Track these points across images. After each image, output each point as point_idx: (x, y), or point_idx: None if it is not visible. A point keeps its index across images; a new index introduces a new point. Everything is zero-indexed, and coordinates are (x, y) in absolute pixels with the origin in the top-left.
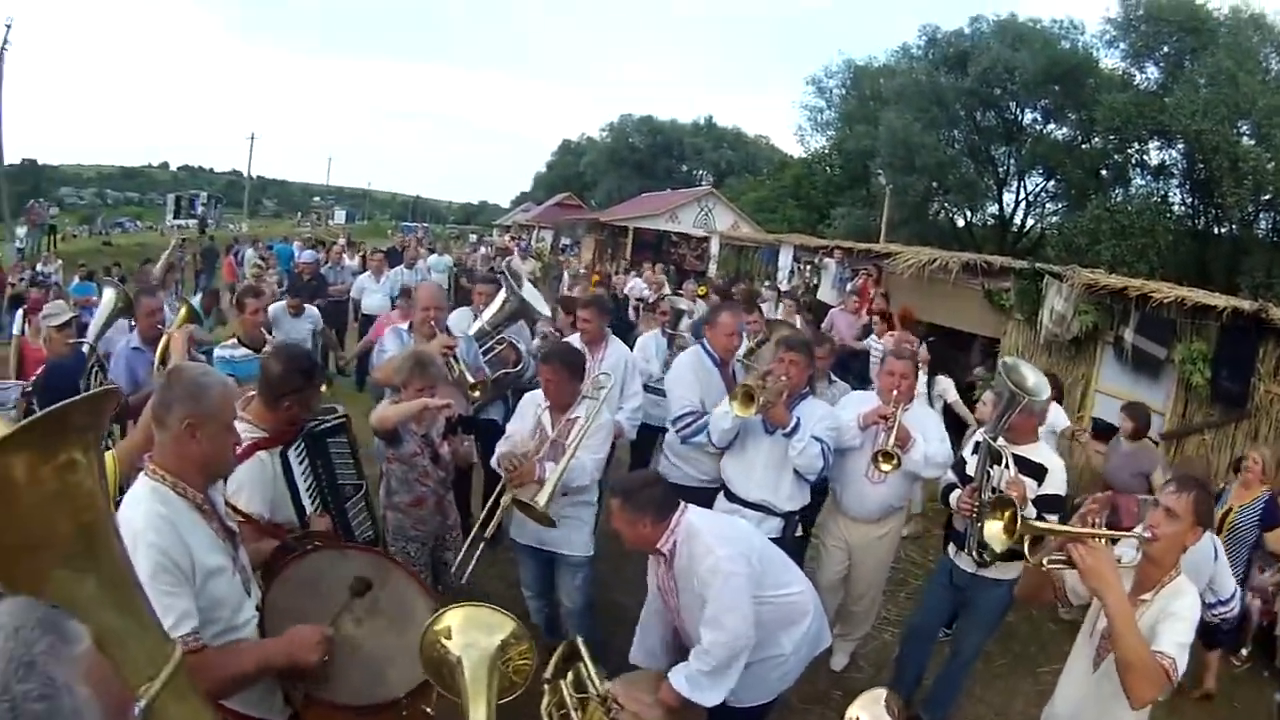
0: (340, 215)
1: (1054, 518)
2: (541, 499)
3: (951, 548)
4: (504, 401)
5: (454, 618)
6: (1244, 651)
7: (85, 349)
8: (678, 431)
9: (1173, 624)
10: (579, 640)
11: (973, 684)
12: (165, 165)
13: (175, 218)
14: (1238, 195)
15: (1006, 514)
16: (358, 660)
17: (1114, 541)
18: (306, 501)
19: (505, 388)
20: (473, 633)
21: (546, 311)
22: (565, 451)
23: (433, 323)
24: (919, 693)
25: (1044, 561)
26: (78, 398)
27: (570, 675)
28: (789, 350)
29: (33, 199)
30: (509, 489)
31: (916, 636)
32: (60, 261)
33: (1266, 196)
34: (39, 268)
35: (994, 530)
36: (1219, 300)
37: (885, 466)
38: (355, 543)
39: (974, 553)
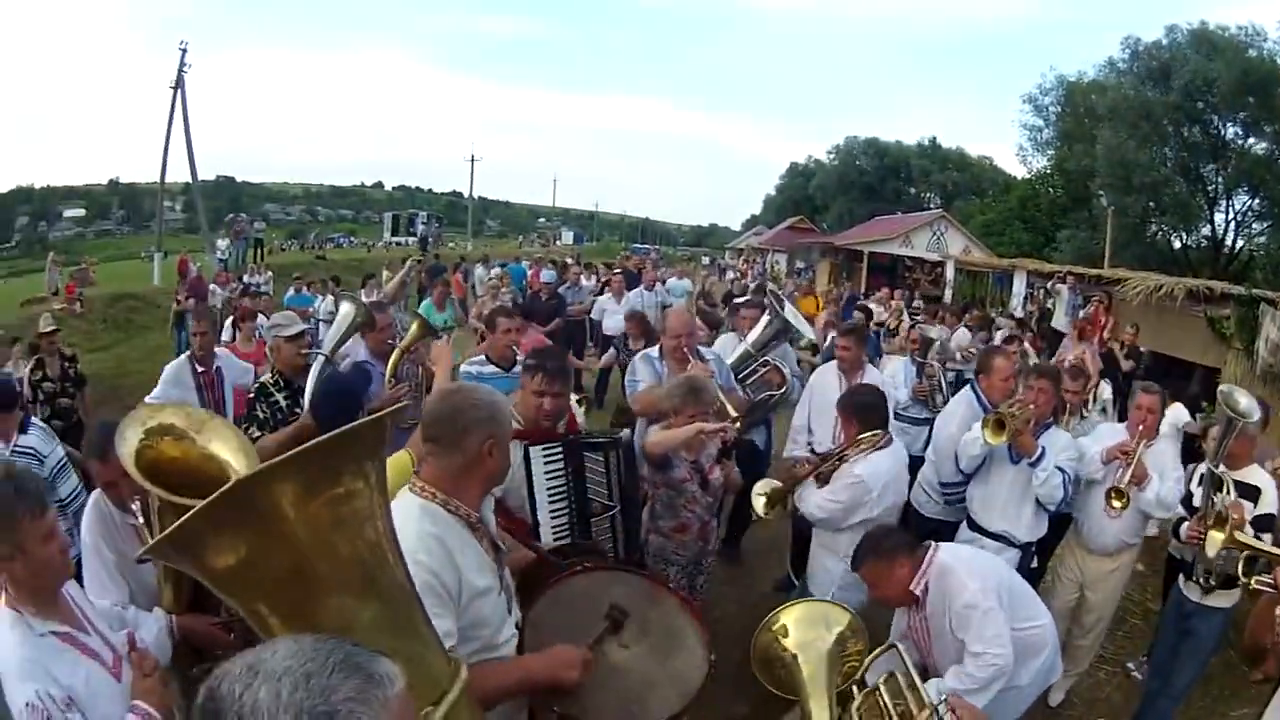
0: (568, 236)
1: (1267, 536)
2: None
3: (1180, 578)
4: (766, 425)
5: (789, 615)
6: None
7: (320, 360)
8: (944, 487)
9: None
10: (900, 644)
11: None
12: (380, 185)
13: (393, 235)
14: None
15: (1226, 527)
16: (616, 683)
17: None
18: (544, 501)
19: (769, 410)
20: (810, 629)
21: (810, 333)
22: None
23: (685, 349)
24: None
25: (1253, 581)
26: (363, 420)
27: (883, 681)
28: (1040, 378)
29: (232, 213)
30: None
31: (1153, 671)
32: (270, 273)
33: None
34: (246, 278)
35: (1214, 539)
36: None
37: (1116, 504)
38: (625, 567)
39: (1200, 579)
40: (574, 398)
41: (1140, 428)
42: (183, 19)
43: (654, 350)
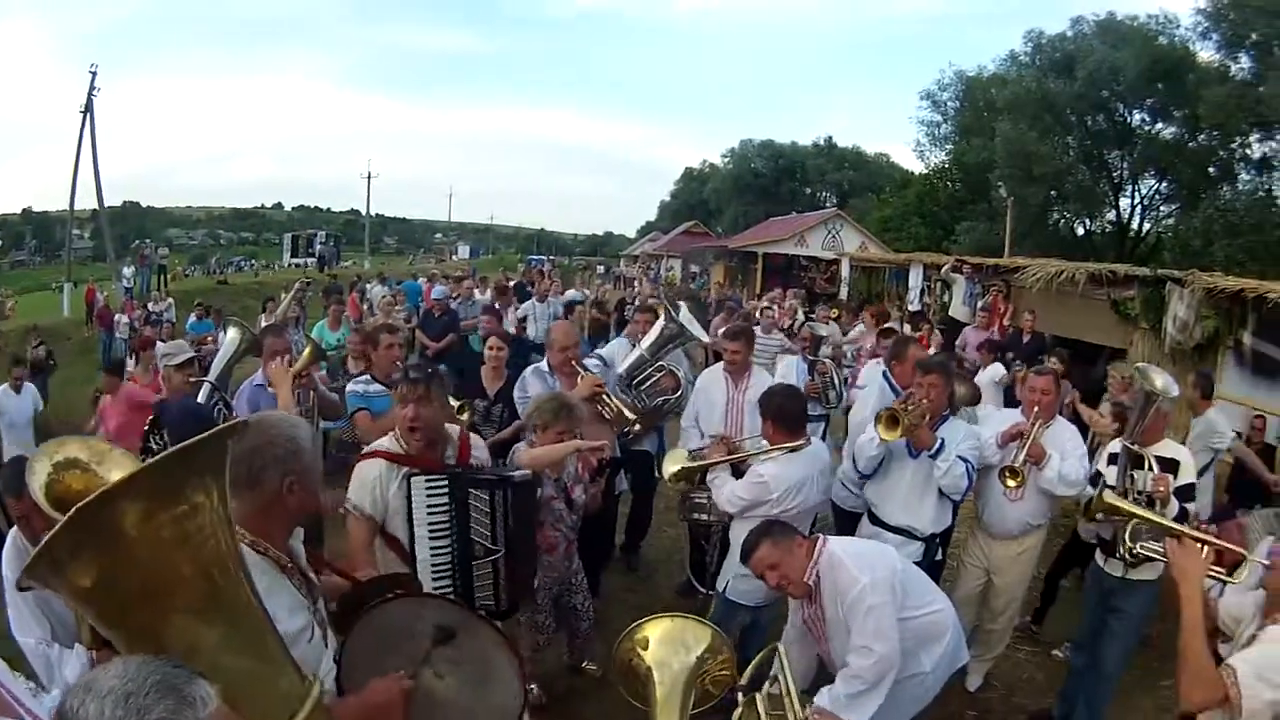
0: (464, 250)
1: (1191, 505)
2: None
3: (1099, 555)
4: (658, 432)
5: (653, 630)
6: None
7: (207, 388)
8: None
9: (1261, 647)
10: (781, 649)
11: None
12: (279, 206)
13: (293, 256)
14: None
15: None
16: (436, 716)
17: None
18: (423, 536)
19: (665, 416)
20: (669, 647)
21: (704, 337)
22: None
23: (573, 362)
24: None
25: (1137, 546)
26: (204, 435)
27: (765, 689)
28: (927, 373)
29: (138, 239)
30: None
31: (1077, 650)
32: (171, 300)
33: None
34: (150, 306)
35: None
36: None
37: (1010, 483)
38: (436, 594)
39: (1124, 555)
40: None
41: (1035, 409)
42: (97, 37)
43: (544, 364)
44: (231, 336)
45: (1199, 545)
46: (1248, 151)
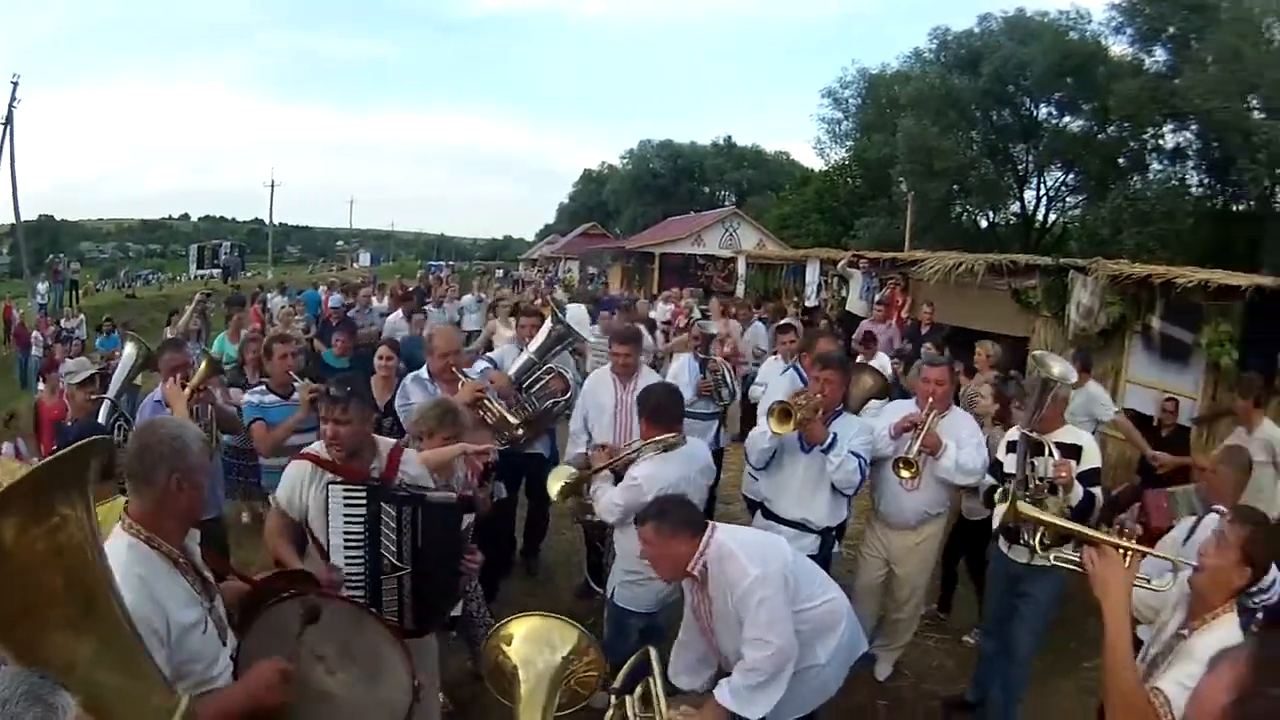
0: (365, 258)
1: (1097, 490)
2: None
3: (1003, 541)
4: (550, 435)
5: (519, 628)
6: None
7: (106, 405)
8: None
9: (1184, 664)
10: (652, 652)
11: None
12: (186, 216)
13: (199, 268)
14: (1254, 171)
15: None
16: (328, 712)
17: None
18: (338, 545)
19: (555, 419)
20: (534, 645)
21: (591, 338)
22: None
23: (454, 369)
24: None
25: (1051, 557)
26: (63, 451)
27: (639, 690)
28: (825, 368)
29: (52, 254)
30: None
31: (986, 635)
32: (82, 317)
33: None
34: (62, 323)
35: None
36: (1242, 280)
37: (905, 473)
38: (336, 594)
39: (1027, 541)
40: None
41: (930, 400)
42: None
43: (424, 371)
44: (129, 352)
45: (1123, 554)
46: (1160, 142)
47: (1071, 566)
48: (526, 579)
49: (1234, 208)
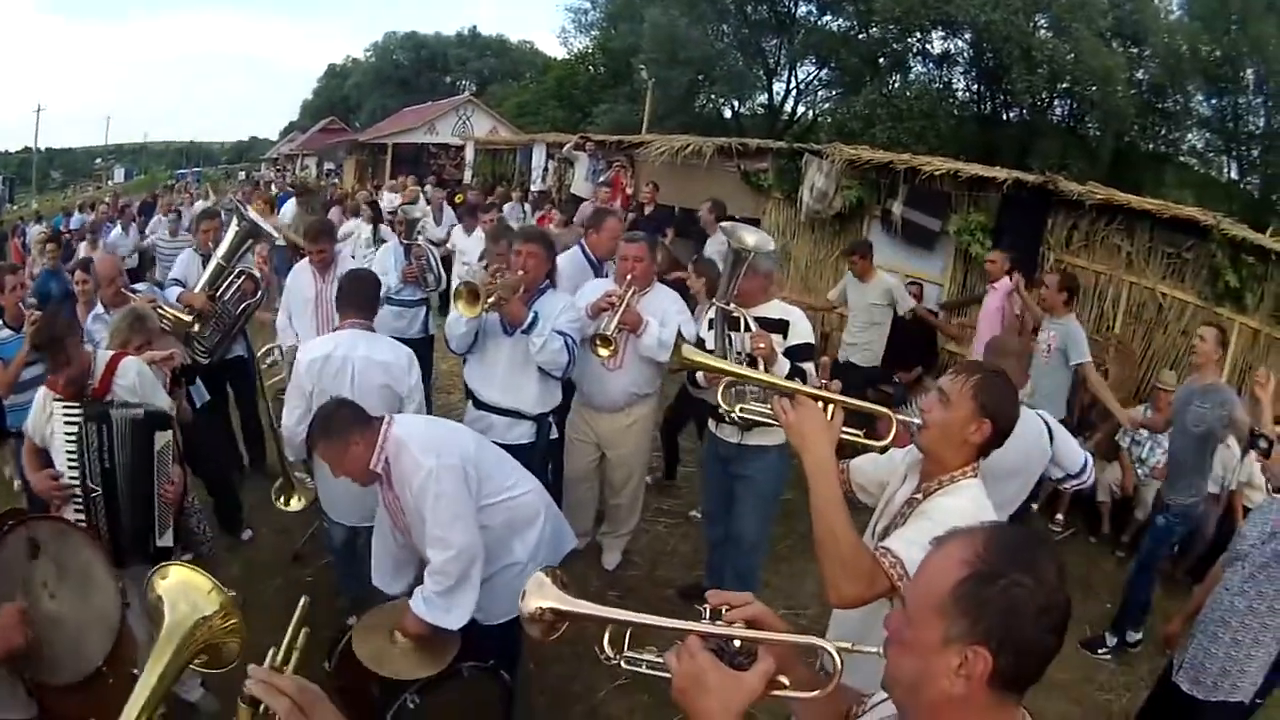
0: (119, 173)
1: (808, 365)
2: None
3: (711, 422)
4: (244, 336)
5: (175, 572)
6: (1059, 517)
7: None
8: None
9: (917, 523)
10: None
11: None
12: None
13: None
14: (1029, 82)
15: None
16: (58, 635)
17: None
18: (61, 464)
19: (247, 319)
20: (182, 595)
21: (275, 233)
22: None
23: (121, 291)
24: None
25: (737, 410)
26: None
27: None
28: (526, 241)
29: None
30: None
31: (709, 521)
32: None
33: (1064, 85)
34: None
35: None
36: (1000, 173)
37: (603, 351)
38: (39, 515)
39: (734, 419)
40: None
41: (629, 276)
42: None
43: (98, 307)
44: None
45: (820, 404)
46: (928, 47)
47: (760, 419)
48: (263, 486)
49: (1004, 115)
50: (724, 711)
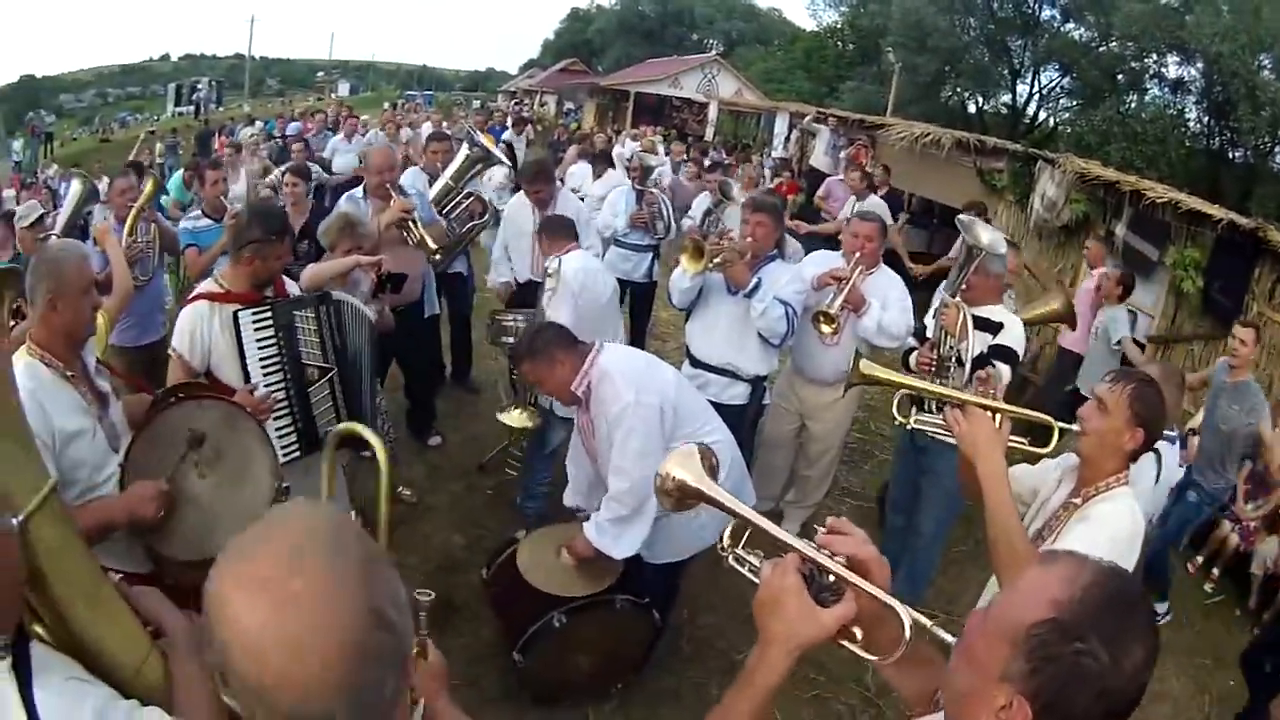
0: (344, 88)
1: (1005, 367)
2: None
3: (913, 409)
4: (465, 254)
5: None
6: (1198, 559)
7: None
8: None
9: (1084, 527)
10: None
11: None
12: (166, 57)
13: (176, 105)
14: (1254, 122)
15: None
16: (194, 513)
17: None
18: (256, 371)
19: (472, 239)
20: None
21: (506, 161)
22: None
23: (388, 185)
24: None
25: (911, 420)
26: None
27: None
28: (756, 211)
29: (30, 111)
30: None
31: (893, 509)
32: (56, 166)
33: None
34: (38, 174)
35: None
36: (1215, 210)
37: (825, 328)
38: (218, 394)
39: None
40: None
41: (857, 255)
42: None
43: (358, 190)
44: (74, 189)
45: (989, 414)
46: (1163, 69)
47: (934, 430)
48: (459, 397)
49: (1230, 153)
50: (788, 638)
